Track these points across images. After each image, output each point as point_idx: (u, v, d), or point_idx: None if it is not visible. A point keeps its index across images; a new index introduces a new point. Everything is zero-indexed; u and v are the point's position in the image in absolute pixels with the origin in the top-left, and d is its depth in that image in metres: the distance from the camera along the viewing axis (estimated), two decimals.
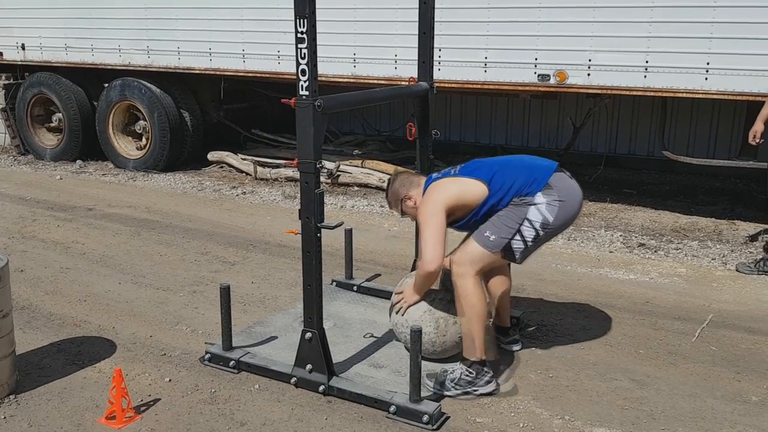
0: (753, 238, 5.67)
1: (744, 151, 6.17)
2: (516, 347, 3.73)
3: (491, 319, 3.55)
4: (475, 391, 3.24)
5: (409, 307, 3.43)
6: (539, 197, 3.19)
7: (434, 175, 3.51)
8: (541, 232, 3.21)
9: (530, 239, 3.21)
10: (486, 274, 3.47)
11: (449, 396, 3.22)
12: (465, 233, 3.45)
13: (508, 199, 3.22)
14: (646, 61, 5.46)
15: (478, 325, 3.21)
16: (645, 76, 5.50)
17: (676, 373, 3.53)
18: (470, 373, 3.23)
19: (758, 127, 4.85)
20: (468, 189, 3.28)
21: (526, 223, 3.19)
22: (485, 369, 3.26)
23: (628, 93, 5.74)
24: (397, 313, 3.49)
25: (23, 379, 3.40)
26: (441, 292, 3.44)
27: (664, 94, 5.62)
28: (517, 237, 3.20)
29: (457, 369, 3.27)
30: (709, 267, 5.06)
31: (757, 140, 4.87)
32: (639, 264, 5.13)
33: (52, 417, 3.10)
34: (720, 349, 3.79)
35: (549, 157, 3.47)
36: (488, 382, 3.25)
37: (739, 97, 5.34)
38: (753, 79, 5.14)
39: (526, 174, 3.25)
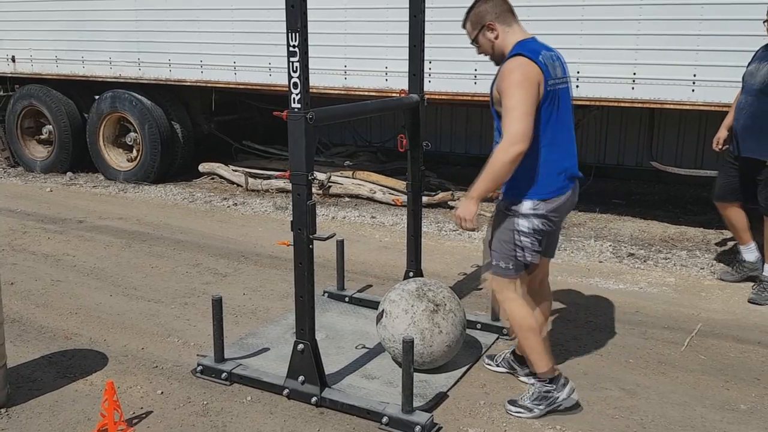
0: (720, 244, 5.80)
1: None
2: (532, 380, 3.41)
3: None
4: (558, 406, 3.18)
5: (469, 228, 3.03)
6: (527, 206, 3.04)
7: (543, 57, 2.92)
8: (534, 236, 3.08)
9: (530, 245, 3.09)
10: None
11: (535, 416, 3.16)
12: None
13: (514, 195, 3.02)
14: (634, 73, 5.53)
15: (531, 340, 3.16)
16: (633, 88, 5.56)
17: (666, 382, 3.56)
18: (546, 385, 3.18)
19: (722, 133, 4.90)
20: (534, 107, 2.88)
21: (519, 236, 3.08)
22: (560, 378, 3.19)
23: (616, 104, 5.79)
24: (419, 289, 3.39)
25: (14, 392, 3.39)
26: (423, 303, 3.45)
27: (652, 106, 5.68)
28: (521, 252, 3.10)
29: (532, 387, 3.24)
30: (698, 276, 5.10)
31: (720, 146, 4.92)
32: (628, 274, 5.17)
33: (44, 430, 3.09)
34: (709, 358, 3.82)
35: None
36: (570, 393, 3.18)
37: (725, 109, 5.38)
38: (739, 91, 5.21)
39: (551, 167, 2.99)
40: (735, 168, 4.76)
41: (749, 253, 4.87)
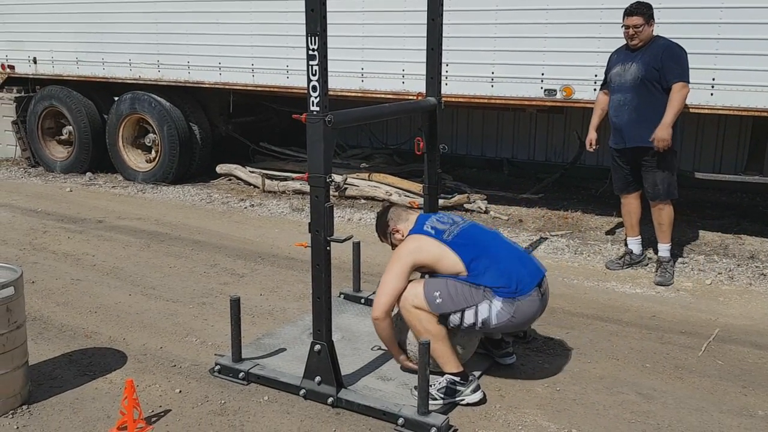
0: (610, 232, 6.17)
1: (750, 165, 6.19)
2: (509, 360, 3.71)
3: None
4: (461, 400, 3.29)
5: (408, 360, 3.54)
6: (497, 302, 3.24)
7: (427, 225, 3.45)
8: (479, 326, 3.28)
9: (467, 324, 3.28)
10: None
11: (435, 404, 3.23)
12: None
13: (477, 284, 3.27)
14: None
15: (438, 344, 3.27)
16: None
17: (683, 387, 3.54)
18: (455, 382, 3.29)
19: (591, 135, 5.31)
20: (445, 261, 3.33)
21: (471, 310, 3.24)
22: (470, 378, 3.32)
23: None
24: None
25: (36, 389, 3.44)
26: None
27: None
28: (457, 315, 3.27)
29: (442, 379, 3.31)
30: (716, 281, 5.07)
31: (593, 147, 5.33)
32: (645, 278, 5.15)
33: (65, 427, 3.14)
34: (726, 364, 3.80)
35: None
36: (474, 391, 3.30)
37: (744, 112, 5.37)
38: (759, 95, 5.18)
39: (505, 280, 3.26)
40: (624, 161, 5.17)
41: (636, 245, 5.34)
